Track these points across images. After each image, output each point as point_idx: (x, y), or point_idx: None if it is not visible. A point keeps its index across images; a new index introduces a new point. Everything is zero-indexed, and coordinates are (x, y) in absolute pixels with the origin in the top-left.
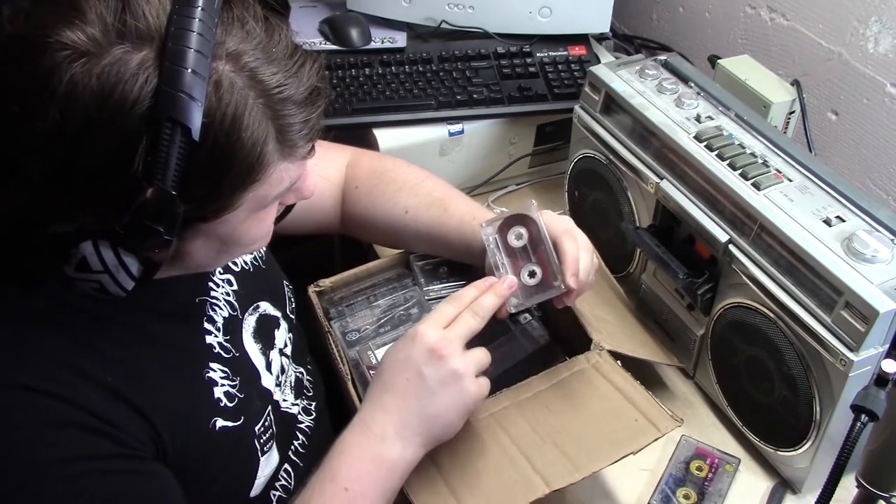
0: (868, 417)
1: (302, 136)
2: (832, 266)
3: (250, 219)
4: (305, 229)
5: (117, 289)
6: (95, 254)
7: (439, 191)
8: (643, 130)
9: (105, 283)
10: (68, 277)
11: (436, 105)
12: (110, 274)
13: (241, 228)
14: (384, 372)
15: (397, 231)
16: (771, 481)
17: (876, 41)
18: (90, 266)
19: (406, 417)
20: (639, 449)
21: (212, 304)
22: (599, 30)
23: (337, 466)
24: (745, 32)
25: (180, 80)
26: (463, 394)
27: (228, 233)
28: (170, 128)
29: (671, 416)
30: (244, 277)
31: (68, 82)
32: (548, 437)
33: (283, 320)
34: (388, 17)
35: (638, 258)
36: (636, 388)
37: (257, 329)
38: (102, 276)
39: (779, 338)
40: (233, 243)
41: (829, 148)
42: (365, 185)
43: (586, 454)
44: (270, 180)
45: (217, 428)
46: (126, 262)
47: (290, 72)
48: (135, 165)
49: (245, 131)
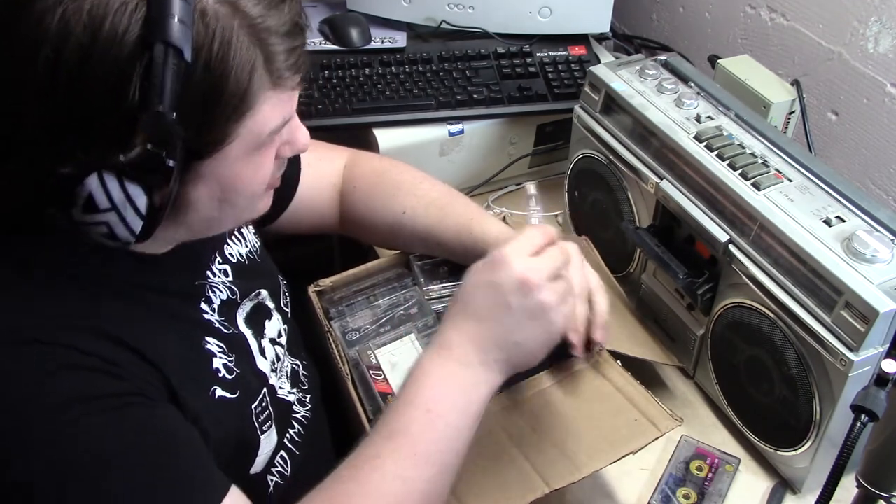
0: (868, 417)
1: (288, 66)
2: (832, 266)
3: (247, 161)
4: (304, 228)
5: (125, 231)
6: (101, 189)
7: (437, 192)
8: (643, 130)
9: (113, 225)
10: (75, 238)
11: (436, 105)
12: (118, 212)
13: (239, 171)
14: (466, 295)
15: (395, 232)
16: (771, 481)
17: (876, 41)
18: (97, 204)
19: (489, 344)
20: (638, 448)
21: (210, 287)
22: (599, 30)
23: (416, 390)
24: (745, 32)
25: (168, 6)
26: (549, 326)
27: (227, 175)
28: (162, 50)
29: (671, 415)
30: (241, 269)
31: (60, 19)
32: (547, 437)
33: (277, 312)
34: (388, 17)
35: (638, 258)
36: (636, 388)
37: (250, 315)
38: (110, 216)
39: (779, 338)
40: (232, 189)
41: (829, 148)
42: (363, 186)
43: (586, 453)
44: (262, 112)
45: (216, 397)
46: (132, 195)
47: (270, 4)
48: (132, 93)
49: (234, 55)
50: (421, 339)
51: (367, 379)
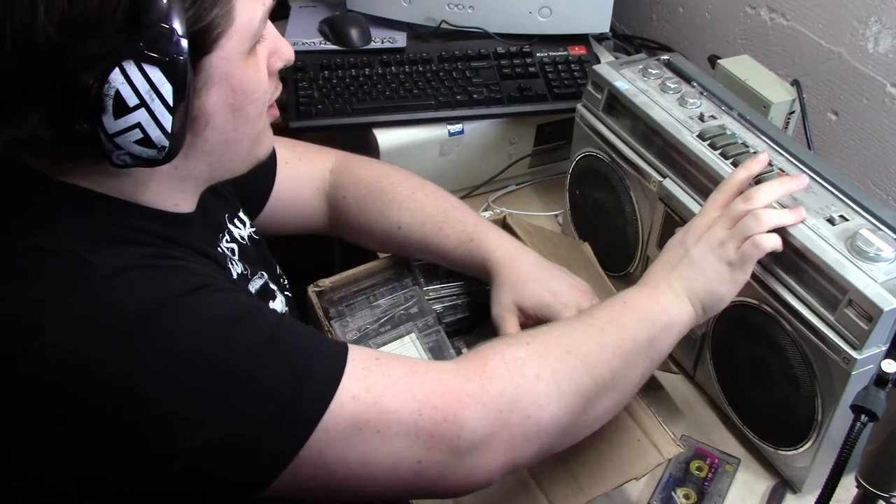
0: (868, 417)
1: None
2: (836, 264)
3: (247, 61)
4: (288, 228)
5: (158, 131)
6: (126, 83)
7: (432, 204)
8: (646, 129)
9: (145, 125)
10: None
11: (436, 105)
12: (147, 108)
13: (243, 70)
14: (666, 251)
15: (391, 245)
16: (771, 481)
17: (876, 41)
18: (126, 102)
19: (690, 284)
20: (642, 475)
21: (229, 258)
22: (599, 30)
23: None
24: (745, 32)
25: None
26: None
27: (233, 74)
28: None
29: (672, 438)
30: (244, 250)
31: None
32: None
33: (280, 293)
34: (388, 17)
35: (638, 258)
36: (639, 404)
37: (260, 293)
38: (140, 114)
39: (781, 336)
40: (241, 91)
41: (829, 148)
42: (353, 196)
43: (589, 474)
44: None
45: None
46: (156, 83)
47: None
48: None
49: None
50: (422, 338)
51: None
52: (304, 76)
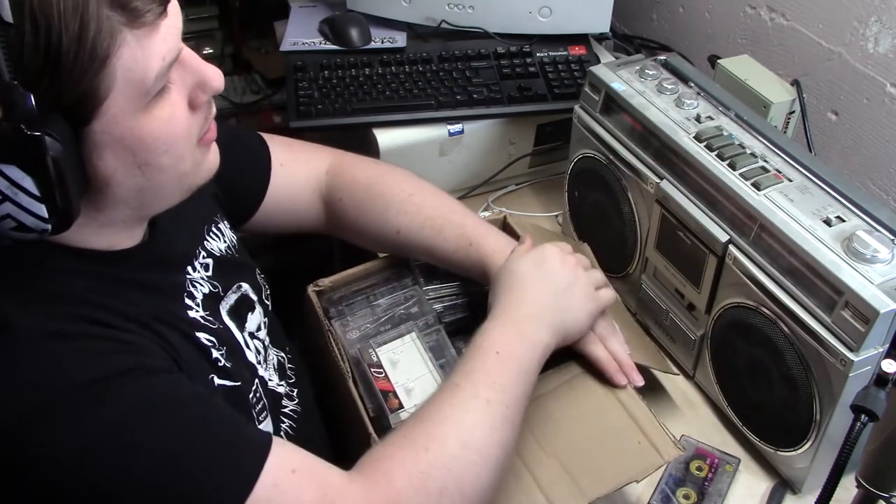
0: (868, 417)
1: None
2: (832, 266)
3: (145, 115)
4: (284, 229)
5: (32, 218)
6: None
7: (430, 207)
8: (643, 131)
9: (14, 214)
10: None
11: (436, 105)
12: (11, 200)
13: (139, 127)
14: (512, 273)
15: (389, 248)
16: (771, 481)
17: (876, 41)
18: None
19: (543, 307)
20: (642, 477)
21: (191, 282)
22: (599, 30)
23: (481, 340)
24: (745, 32)
25: None
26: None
27: (127, 135)
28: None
29: (672, 441)
30: (222, 263)
31: None
32: (552, 453)
33: (259, 304)
34: (388, 17)
35: (638, 258)
36: (639, 405)
37: (235, 308)
38: (7, 207)
39: (779, 338)
40: (144, 149)
41: (828, 148)
42: (350, 198)
43: (589, 476)
44: (125, 56)
45: (216, 385)
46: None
47: None
48: None
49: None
50: (422, 337)
51: (369, 377)
52: (304, 76)
